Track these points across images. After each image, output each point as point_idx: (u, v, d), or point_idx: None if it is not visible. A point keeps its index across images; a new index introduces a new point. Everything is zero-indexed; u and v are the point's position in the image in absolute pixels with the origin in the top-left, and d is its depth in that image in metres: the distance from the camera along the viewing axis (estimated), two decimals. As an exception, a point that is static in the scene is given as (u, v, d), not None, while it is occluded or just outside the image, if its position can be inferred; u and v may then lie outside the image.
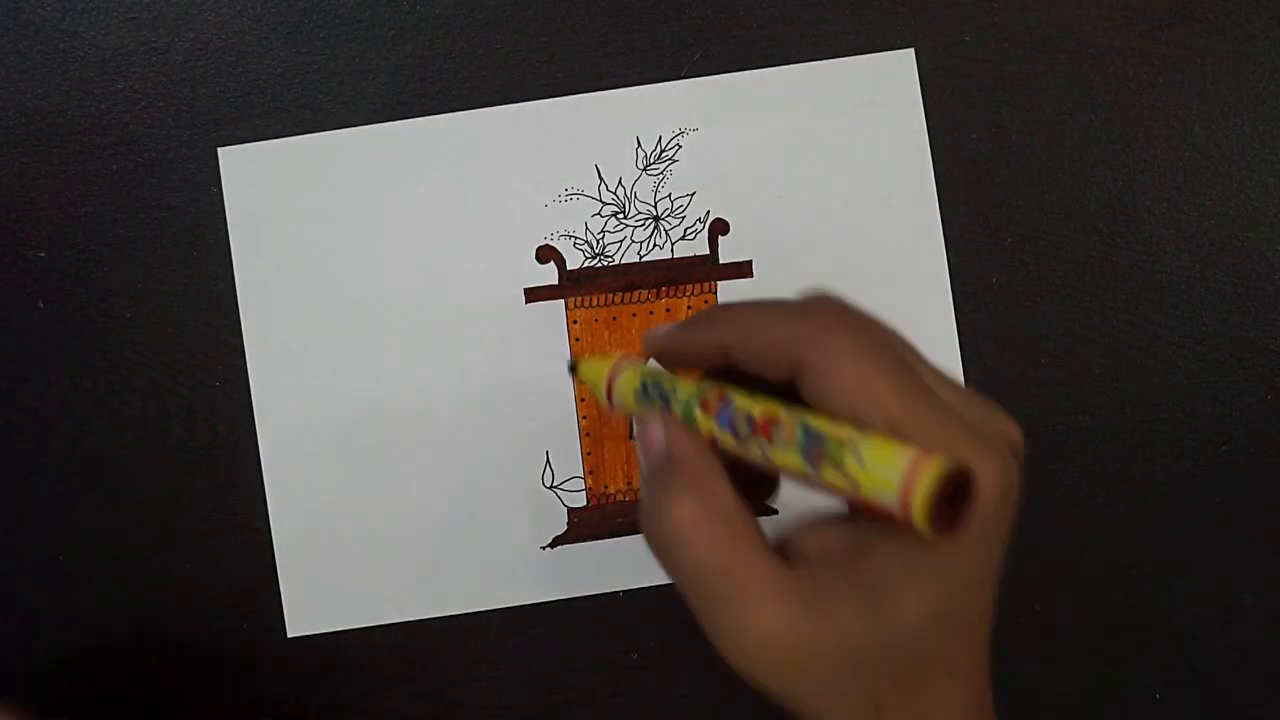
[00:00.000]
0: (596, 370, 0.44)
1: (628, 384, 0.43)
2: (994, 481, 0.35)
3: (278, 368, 0.57)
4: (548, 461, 0.58)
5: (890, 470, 0.33)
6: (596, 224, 0.58)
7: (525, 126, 0.58)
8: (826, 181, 0.58)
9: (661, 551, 0.39)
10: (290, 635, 0.57)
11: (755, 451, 0.38)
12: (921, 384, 0.36)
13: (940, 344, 0.58)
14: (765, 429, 0.37)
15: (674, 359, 0.42)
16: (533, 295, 0.57)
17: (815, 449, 0.35)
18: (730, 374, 0.40)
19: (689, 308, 0.58)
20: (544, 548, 0.58)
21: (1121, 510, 0.59)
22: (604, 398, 0.43)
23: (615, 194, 0.58)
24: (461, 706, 0.58)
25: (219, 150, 0.57)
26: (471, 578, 0.58)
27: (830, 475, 0.35)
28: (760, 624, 0.37)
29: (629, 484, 0.58)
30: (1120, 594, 0.59)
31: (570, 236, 0.57)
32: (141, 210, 0.58)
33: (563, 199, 0.58)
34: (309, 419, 0.57)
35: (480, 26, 0.58)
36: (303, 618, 0.57)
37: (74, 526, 0.57)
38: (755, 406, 0.37)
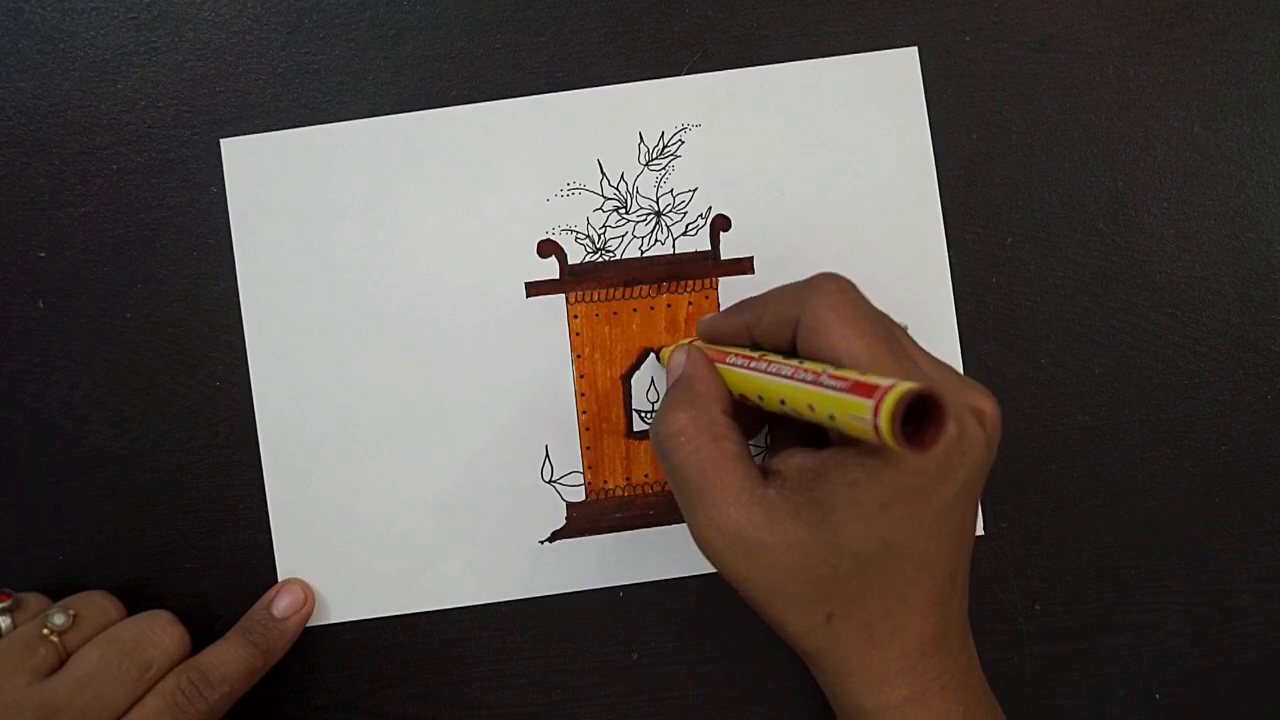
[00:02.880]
0: (668, 353, 0.54)
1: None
2: (944, 431, 0.40)
3: (278, 361, 0.57)
4: (547, 456, 0.58)
5: (860, 417, 0.38)
6: (598, 219, 0.58)
7: (528, 121, 0.58)
8: (829, 178, 0.58)
9: (660, 451, 0.47)
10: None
11: (761, 392, 0.45)
12: (894, 344, 0.43)
13: (941, 340, 0.58)
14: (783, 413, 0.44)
15: (714, 339, 0.51)
16: (534, 289, 0.57)
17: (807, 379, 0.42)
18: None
19: (690, 303, 0.58)
20: (542, 542, 0.58)
21: (1121, 510, 0.59)
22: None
23: (617, 189, 0.58)
24: (461, 706, 0.58)
25: (221, 142, 0.57)
26: (471, 571, 0.58)
27: (828, 426, 0.41)
28: (726, 521, 0.43)
29: (628, 479, 0.58)
30: (1120, 594, 0.59)
31: (572, 231, 0.57)
32: (141, 210, 0.58)
33: (564, 193, 0.58)
34: (309, 414, 0.57)
35: (480, 26, 0.58)
36: (303, 614, 0.57)
37: (74, 526, 0.57)
38: (770, 406, 0.45)
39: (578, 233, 0.57)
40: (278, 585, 0.57)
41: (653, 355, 0.58)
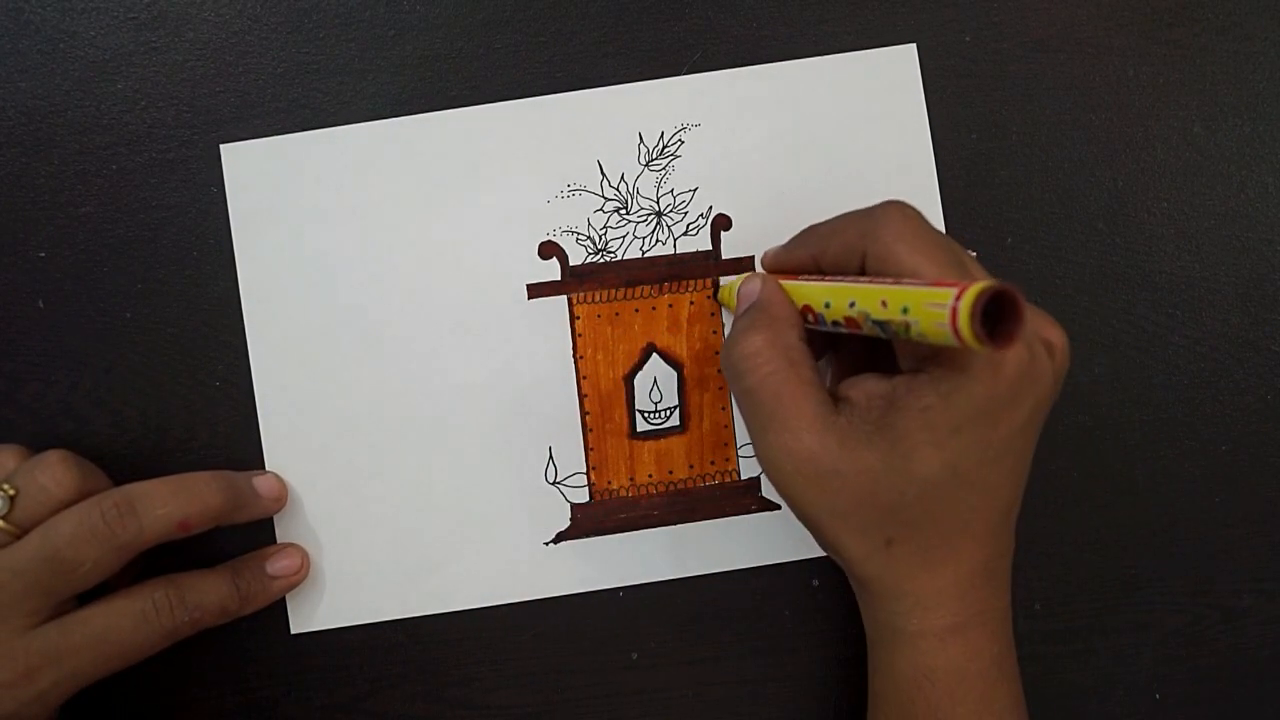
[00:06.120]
0: (729, 289, 0.55)
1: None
2: (1013, 358, 0.42)
3: (280, 365, 0.57)
4: (550, 457, 0.58)
5: (938, 304, 0.38)
6: (599, 220, 0.58)
7: (527, 122, 0.58)
8: (829, 176, 0.58)
9: (731, 374, 0.47)
10: (294, 632, 0.57)
11: (829, 297, 0.46)
12: (964, 271, 0.43)
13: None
14: (851, 327, 0.45)
15: (780, 271, 0.51)
16: (535, 291, 0.57)
17: (887, 322, 0.42)
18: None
19: (691, 303, 0.58)
20: (547, 544, 0.58)
21: (1121, 510, 0.59)
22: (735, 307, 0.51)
23: (618, 190, 0.58)
24: (461, 706, 0.58)
25: (221, 147, 0.57)
26: (475, 574, 0.58)
27: (900, 331, 0.41)
28: (799, 447, 0.44)
29: (631, 479, 0.58)
30: (1120, 594, 0.59)
31: (573, 232, 0.57)
32: (141, 210, 0.58)
33: (565, 195, 0.58)
34: (311, 416, 0.57)
35: (480, 26, 0.58)
36: (306, 615, 0.57)
37: (73, 526, 0.57)
38: (837, 314, 0.45)
39: (579, 234, 0.57)
40: (279, 545, 0.57)
41: (654, 354, 0.58)
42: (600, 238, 0.58)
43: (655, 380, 0.58)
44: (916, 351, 0.45)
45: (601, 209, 0.58)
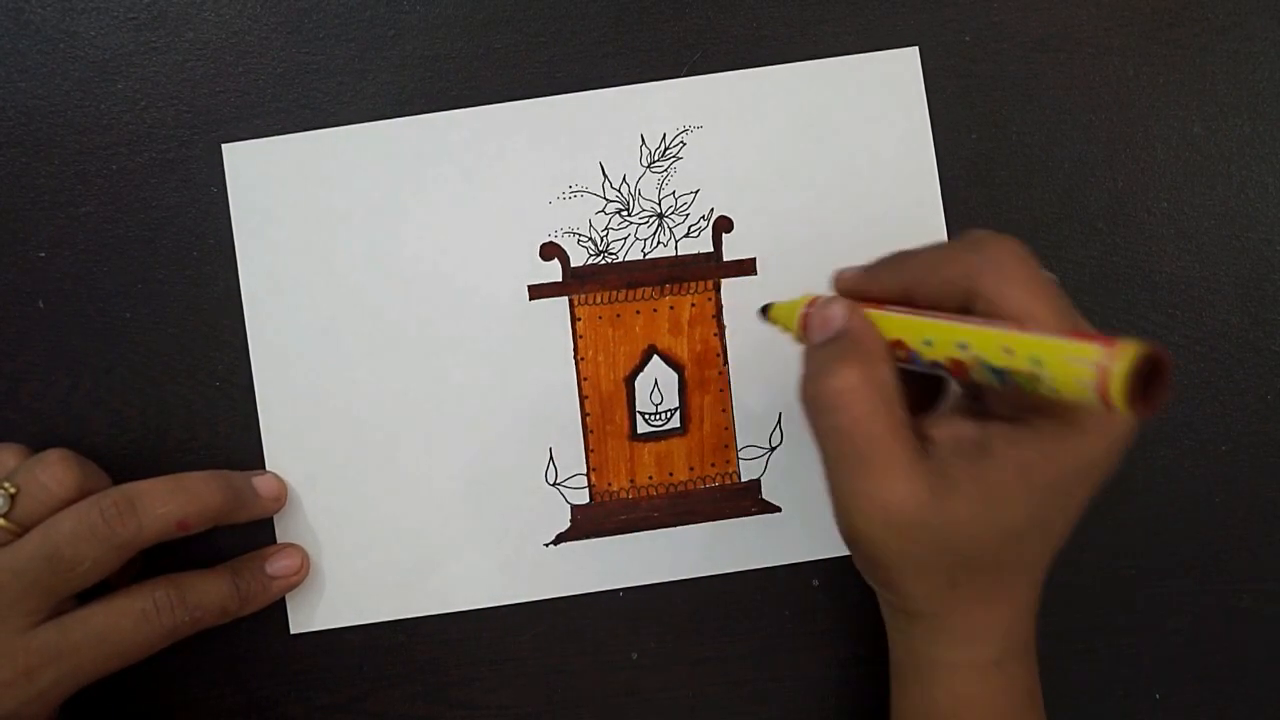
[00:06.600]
0: (789, 310, 0.48)
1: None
2: (1126, 420, 0.41)
3: (280, 365, 0.57)
4: (551, 458, 0.58)
5: (1082, 360, 0.35)
6: (600, 221, 0.58)
7: (529, 123, 0.58)
8: (830, 179, 0.58)
9: (817, 412, 0.43)
10: (294, 632, 0.57)
11: (933, 336, 0.42)
12: (1070, 310, 0.41)
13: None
14: (956, 371, 0.41)
15: (860, 297, 0.46)
16: (537, 292, 0.57)
17: (1008, 370, 0.39)
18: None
19: (692, 305, 0.58)
20: (547, 545, 0.58)
21: (1122, 510, 0.59)
22: (799, 331, 0.47)
23: (619, 191, 0.58)
24: (461, 706, 0.58)
25: (223, 146, 0.57)
26: (475, 575, 0.58)
27: (1024, 382, 0.38)
28: (891, 497, 0.41)
29: (632, 481, 0.58)
30: (1120, 594, 0.59)
31: (574, 234, 0.57)
32: (141, 210, 0.58)
33: (566, 196, 0.58)
34: (311, 417, 0.57)
35: (480, 26, 0.58)
36: (305, 614, 0.57)
37: (73, 527, 0.57)
38: (939, 354, 0.41)
39: (580, 235, 0.57)
40: (278, 545, 0.57)
41: (655, 356, 0.58)
42: (602, 239, 0.57)
43: (656, 382, 0.58)
44: (1019, 401, 0.42)
45: (603, 210, 0.58)
